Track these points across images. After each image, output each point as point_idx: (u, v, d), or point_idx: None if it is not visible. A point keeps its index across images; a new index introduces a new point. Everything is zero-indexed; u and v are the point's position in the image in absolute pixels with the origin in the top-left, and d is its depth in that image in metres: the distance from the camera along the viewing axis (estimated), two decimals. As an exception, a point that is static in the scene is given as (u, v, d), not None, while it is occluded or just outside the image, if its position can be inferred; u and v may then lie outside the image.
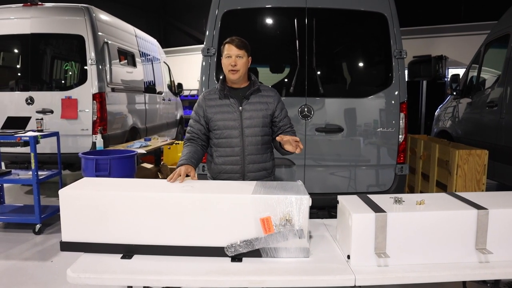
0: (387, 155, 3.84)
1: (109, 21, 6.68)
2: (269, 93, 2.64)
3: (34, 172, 4.59)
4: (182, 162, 2.43)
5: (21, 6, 5.94)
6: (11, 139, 4.57)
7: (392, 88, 3.78)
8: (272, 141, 2.69)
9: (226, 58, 2.53)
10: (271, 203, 1.93)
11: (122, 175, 4.62)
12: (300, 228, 1.92)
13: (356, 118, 3.82)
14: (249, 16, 3.80)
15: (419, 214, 1.88)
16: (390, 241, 1.85)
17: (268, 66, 4.10)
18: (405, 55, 3.73)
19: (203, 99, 2.62)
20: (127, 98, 7.08)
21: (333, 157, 3.86)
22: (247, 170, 2.59)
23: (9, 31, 5.95)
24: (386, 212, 1.85)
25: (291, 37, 3.74)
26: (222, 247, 1.95)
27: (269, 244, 1.94)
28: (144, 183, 2.28)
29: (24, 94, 5.90)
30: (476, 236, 1.88)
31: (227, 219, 1.96)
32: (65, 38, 6.04)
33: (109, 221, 1.99)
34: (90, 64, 5.87)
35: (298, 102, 3.74)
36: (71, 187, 2.10)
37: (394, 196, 2.04)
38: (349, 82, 4.15)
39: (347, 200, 2.08)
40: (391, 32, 3.72)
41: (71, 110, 5.84)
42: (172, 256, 1.97)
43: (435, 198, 2.11)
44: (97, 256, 1.98)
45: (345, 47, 4.04)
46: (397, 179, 3.85)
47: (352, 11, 3.74)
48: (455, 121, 6.14)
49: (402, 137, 3.81)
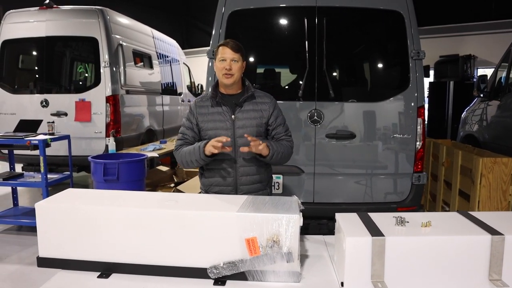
0: (403, 163, 3.59)
1: (124, 22, 6.65)
2: (264, 100, 2.45)
3: (44, 176, 4.58)
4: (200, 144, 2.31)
5: (37, 10, 5.98)
6: (21, 142, 4.57)
7: (409, 91, 3.53)
8: None
9: (220, 61, 2.35)
10: (257, 222, 1.75)
11: (131, 179, 4.55)
12: (288, 250, 1.74)
13: (369, 123, 3.59)
14: (256, 16, 3.64)
15: (422, 239, 1.66)
16: (389, 269, 1.64)
17: (276, 69, 3.92)
18: (424, 55, 3.48)
19: (194, 106, 2.45)
20: (143, 100, 7.04)
21: (345, 165, 3.64)
22: (240, 182, 2.41)
23: (26, 34, 6.01)
24: (385, 236, 1.64)
25: (300, 37, 3.54)
26: (205, 268, 1.79)
27: (255, 267, 1.76)
28: (131, 196, 2.14)
29: (40, 97, 5.95)
30: (490, 266, 1.64)
31: (210, 238, 1.79)
32: (80, 40, 6.06)
33: (86, 237, 1.87)
34: (103, 67, 5.85)
35: (307, 106, 3.55)
36: (48, 200, 1.99)
37: (397, 216, 1.83)
38: (362, 85, 3.91)
39: (344, 219, 1.87)
40: (408, 31, 3.46)
41: (85, 112, 5.84)
42: (151, 276, 1.83)
43: (443, 219, 1.87)
44: (73, 274, 1.86)
45: (358, 48, 3.81)
46: (414, 189, 3.60)
47: (365, 9, 3.51)
48: (482, 125, 5.77)
49: (419, 144, 3.55)
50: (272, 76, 3.93)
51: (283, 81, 3.92)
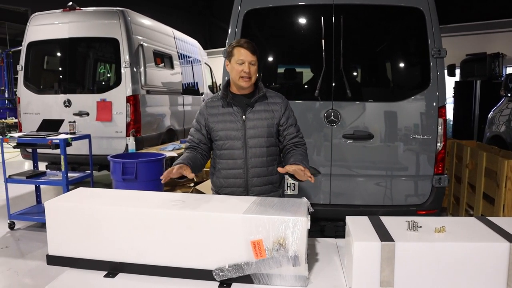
0: (423, 165, 3.47)
1: (145, 23, 6.72)
2: (276, 100, 2.39)
3: (64, 174, 4.67)
4: (178, 162, 2.22)
5: (61, 12, 6.11)
6: (43, 141, 4.68)
7: (429, 91, 3.41)
8: (280, 152, 2.46)
9: (238, 64, 2.29)
10: (263, 224, 1.71)
11: (149, 178, 4.58)
12: (295, 254, 1.69)
13: (388, 123, 3.48)
14: (272, 15, 3.59)
15: (435, 245, 1.58)
16: (399, 275, 1.57)
17: (291, 68, 3.86)
18: (445, 53, 3.35)
19: (205, 107, 2.42)
20: (163, 100, 7.10)
21: (362, 166, 3.55)
22: (251, 184, 2.37)
23: (50, 36, 6.15)
24: (395, 242, 1.57)
25: (317, 36, 3.47)
26: (210, 270, 1.76)
27: (261, 270, 1.72)
28: (139, 196, 2.13)
29: (63, 97, 6.07)
30: (508, 275, 1.54)
31: (216, 239, 1.76)
32: (101, 41, 6.15)
33: (94, 236, 1.87)
34: (124, 67, 5.91)
35: (324, 106, 3.47)
36: (58, 199, 2.00)
37: (410, 220, 1.75)
38: (381, 85, 3.81)
39: (354, 223, 1.81)
40: (429, 29, 3.34)
41: (106, 112, 5.92)
42: (157, 277, 1.82)
43: (459, 224, 1.78)
44: (80, 273, 1.87)
45: (376, 46, 3.70)
46: (434, 191, 3.47)
47: (383, 6, 3.41)
48: (510, 125, 5.55)
49: (440, 145, 3.42)
50: (287, 75, 3.87)
51: (298, 80, 3.86)
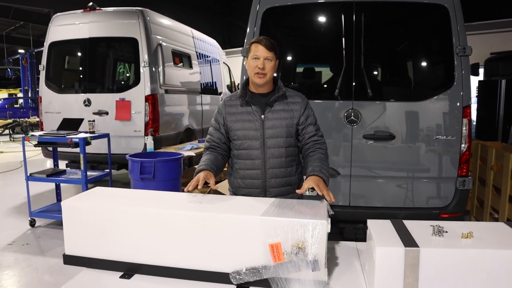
0: (446, 167, 3.37)
1: (164, 23, 6.74)
2: (295, 100, 2.34)
3: (83, 173, 4.71)
4: (201, 167, 2.20)
5: (81, 12, 6.18)
6: (63, 140, 4.73)
7: (454, 90, 3.31)
8: (299, 153, 2.40)
9: (253, 59, 2.26)
10: (282, 227, 1.66)
11: (166, 178, 4.58)
12: (314, 258, 1.63)
13: (410, 124, 3.39)
14: (291, 13, 3.54)
15: (462, 252, 1.50)
16: (424, 283, 1.50)
17: (311, 67, 3.79)
18: (470, 52, 3.24)
19: (223, 105, 2.39)
20: (182, 100, 7.11)
21: (383, 167, 3.46)
22: (269, 185, 2.32)
23: (71, 36, 6.23)
24: (419, 247, 1.50)
25: (337, 34, 3.41)
26: (228, 273, 1.73)
27: (279, 274, 1.68)
28: (155, 197, 2.11)
29: (83, 96, 6.14)
30: (540, 284, 1.46)
31: (234, 242, 1.72)
32: (121, 41, 6.20)
33: (110, 237, 1.86)
34: (143, 66, 5.95)
35: (344, 106, 3.41)
36: (74, 198, 2.00)
37: (435, 225, 1.68)
38: (403, 84, 3.71)
39: (376, 226, 1.74)
40: (453, 26, 3.24)
41: (125, 111, 5.96)
42: (173, 279, 1.79)
43: (487, 230, 1.70)
44: (96, 273, 1.85)
45: (398, 44, 3.62)
46: (458, 194, 3.37)
47: (406, 3, 3.32)
48: (538, 126, 5.35)
49: (465, 146, 3.32)
50: (307, 74, 3.82)
51: (318, 79, 3.80)
